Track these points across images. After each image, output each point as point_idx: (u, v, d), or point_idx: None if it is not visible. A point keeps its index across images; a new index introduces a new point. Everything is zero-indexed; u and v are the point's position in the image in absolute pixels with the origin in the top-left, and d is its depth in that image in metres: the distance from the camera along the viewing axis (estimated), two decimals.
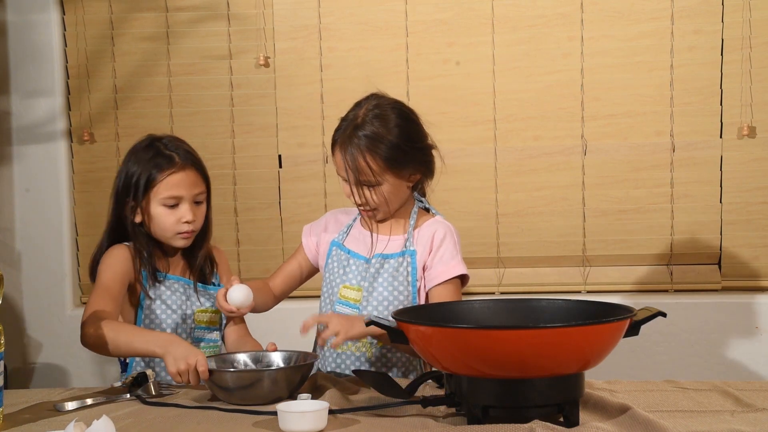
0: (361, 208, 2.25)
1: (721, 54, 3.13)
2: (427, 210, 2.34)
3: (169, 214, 2.25)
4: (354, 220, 2.35)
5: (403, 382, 1.88)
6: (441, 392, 1.88)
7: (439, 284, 2.23)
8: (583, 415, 1.75)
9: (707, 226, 3.16)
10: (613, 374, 2.30)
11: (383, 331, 1.96)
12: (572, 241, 3.21)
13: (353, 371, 2.12)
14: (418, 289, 2.25)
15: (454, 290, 2.24)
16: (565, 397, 1.69)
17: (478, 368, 1.66)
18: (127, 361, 2.34)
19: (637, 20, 3.16)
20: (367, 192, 2.20)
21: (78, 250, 3.42)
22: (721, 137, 3.14)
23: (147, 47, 3.35)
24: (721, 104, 3.14)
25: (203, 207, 2.31)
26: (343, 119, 2.24)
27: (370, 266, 2.25)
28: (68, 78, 3.39)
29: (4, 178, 3.36)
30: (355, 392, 2.03)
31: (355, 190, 2.20)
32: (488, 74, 3.22)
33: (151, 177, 2.24)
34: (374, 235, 2.29)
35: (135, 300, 2.32)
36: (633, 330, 1.75)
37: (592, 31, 3.18)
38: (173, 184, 2.24)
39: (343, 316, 2.15)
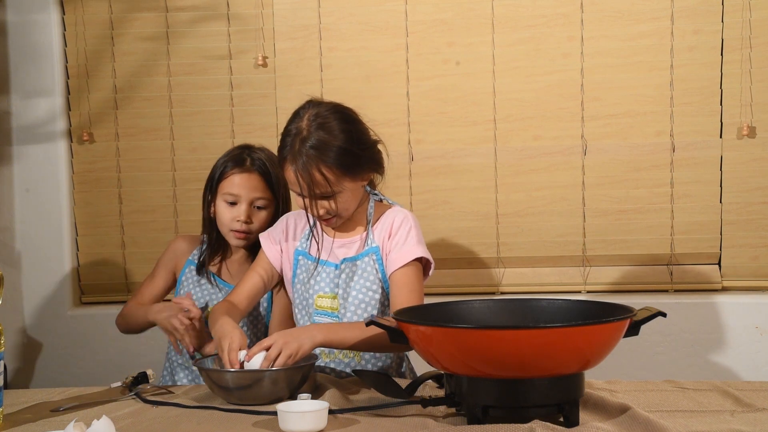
0: (320, 219, 2.20)
1: (721, 54, 3.13)
2: (381, 201, 2.32)
3: (227, 211, 2.45)
4: (313, 227, 2.30)
5: (403, 383, 1.88)
6: (441, 392, 1.88)
7: (397, 269, 2.19)
8: (583, 415, 1.75)
9: (707, 226, 3.16)
10: (613, 374, 2.30)
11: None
12: (572, 241, 3.21)
13: (353, 371, 2.13)
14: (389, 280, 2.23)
15: (414, 274, 2.19)
16: (565, 397, 1.69)
17: (478, 368, 1.66)
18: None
19: (637, 20, 3.16)
20: (325, 203, 2.16)
21: (78, 250, 3.42)
22: (721, 137, 3.14)
23: (147, 47, 3.35)
24: (721, 104, 3.14)
25: (264, 213, 2.47)
26: (285, 134, 2.17)
27: (339, 271, 2.23)
28: (68, 78, 3.39)
29: (4, 178, 3.36)
30: (355, 392, 2.04)
31: (312, 203, 2.14)
32: (488, 74, 3.22)
33: (221, 173, 2.48)
34: (332, 239, 2.26)
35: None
36: (633, 330, 1.75)
37: (592, 31, 3.18)
38: (234, 183, 2.45)
39: (287, 334, 2.05)
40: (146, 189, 3.38)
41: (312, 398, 1.86)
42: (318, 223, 2.26)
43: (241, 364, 1.98)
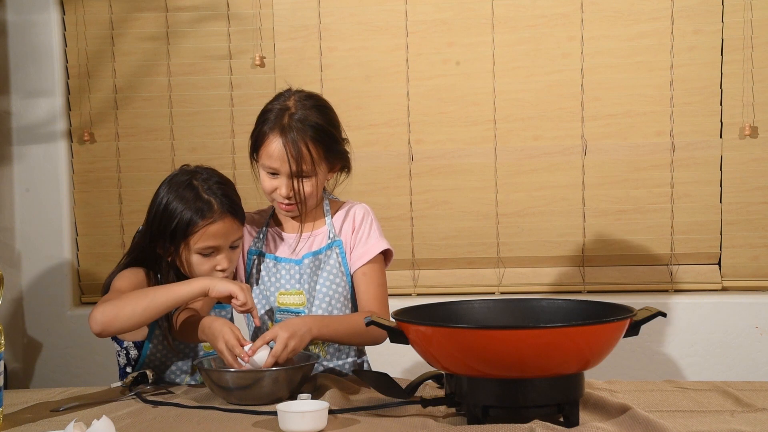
0: (287, 202, 2.19)
1: (721, 54, 3.13)
2: (331, 199, 2.35)
3: (205, 262, 2.18)
4: (267, 225, 2.31)
5: (403, 382, 1.88)
6: (441, 392, 1.88)
7: (364, 264, 2.23)
8: (583, 415, 1.75)
9: (707, 226, 3.16)
10: (613, 374, 2.30)
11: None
12: (572, 241, 3.21)
13: (353, 371, 2.13)
14: (352, 275, 2.26)
15: (379, 268, 2.25)
16: (565, 397, 1.69)
17: (478, 368, 1.66)
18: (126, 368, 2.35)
19: (637, 20, 3.16)
20: (299, 184, 2.16)
21: (78, 250, 3.42)
22: (721, 137, 3.14)
23: (147, 47, 3.35)
24: (721, 104, 3.14)
25: (239, 249, 2.25)
26: (267, 111, 2.20)
27: (302, 267, 2.24)
28: (68, 78, 3.39)
29: (4, 178, 3.36)
30: (355, 392, 2.04)
31: (288, 182, 2.15)
32: (488, 74, 3.22)
33: (190, 225, 2.14)
34: (295, 235, 2.27)
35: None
36: (633, 330, 1.75)
37: (592, 31, 3.18)
38: (211, 234, 2.15)
39: (289, 328, 2.03)
40: (146, 189, 3.36)
41: (312, 398, 1.86)
42: (274, 220, 2.28)
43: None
